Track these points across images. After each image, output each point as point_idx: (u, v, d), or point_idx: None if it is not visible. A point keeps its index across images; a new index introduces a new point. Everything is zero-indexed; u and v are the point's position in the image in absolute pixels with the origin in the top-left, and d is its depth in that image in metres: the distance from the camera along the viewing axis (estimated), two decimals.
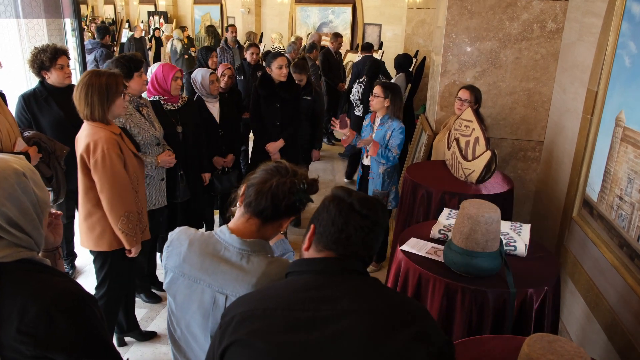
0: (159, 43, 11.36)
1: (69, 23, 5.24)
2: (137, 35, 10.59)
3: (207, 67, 5.31)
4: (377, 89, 3.72)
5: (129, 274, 2.96)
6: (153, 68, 4.06)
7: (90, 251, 2.81)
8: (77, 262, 4.02)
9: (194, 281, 1.50)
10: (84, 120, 2.60)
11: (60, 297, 1.18)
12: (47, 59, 3.31)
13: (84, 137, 2.59)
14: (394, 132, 3.68)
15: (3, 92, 3.38)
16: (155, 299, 3.63)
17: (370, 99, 3.76)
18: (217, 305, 1.47)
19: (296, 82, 4.49)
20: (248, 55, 5.98)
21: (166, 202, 3.36)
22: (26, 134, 3.10)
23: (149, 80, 3.49)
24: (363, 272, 1.25)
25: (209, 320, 1.48)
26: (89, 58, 6.82)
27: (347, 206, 1.23)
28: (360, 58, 7.22)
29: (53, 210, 1.51)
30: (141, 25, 13.10)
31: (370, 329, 1.07)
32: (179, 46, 9.87)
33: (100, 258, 2.80)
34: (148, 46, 11.29)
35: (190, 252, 1.52)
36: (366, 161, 3.91)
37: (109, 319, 2.91)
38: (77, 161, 2.60)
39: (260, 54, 8.47)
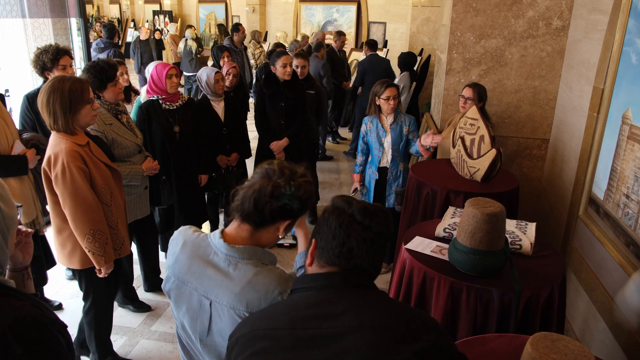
0: (161, 46, 11.16)
1: (74, 23, 5.27)
2: (142, 37, 10.19)
3: (219, 66, 5.32)
4: (392, 91, 3.63)
5: (114, 279, 2.85)
6: (149, 68, 4.08)
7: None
8: None
9: (183, 283, 1.49)
10: (50, 130, 2.43)
11: (19, 324, 1.07)
12: (48, 59, 3.27)
13: (47, 148, 2.43)
14: (410, 126, 3.71)
15: (6, 94, 3.39)
16: (144, 308, 3.52)
17: (387, 102, 3.63)
18: (203, 309, 1.44)
19: (298, 70, 4.50)
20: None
21: (149, 211, 3.29)
22: (25, 135, 3.07)
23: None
24: (368, 285, 1.20)
25: (197, 323, 1.46)
26: (101, 57, 6.83)
27: (347, 218, 1.17)
28: (365, 56, 7.20)
29: (23, 228, 1.41)
30: (146, 25, 12.84)
31: (372, 345, 1.04)
32: (194, 46, 9.89)
33: (77, 273, 2.70)
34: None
35: (182, 254, 1.50)
36: (383, 163, 3.80)
37: (101, 327, 2.85)
38: (42, 175, 2.44)
39: (266, 52, 8.48)
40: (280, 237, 1.49)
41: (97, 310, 2.78)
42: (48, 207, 2.54)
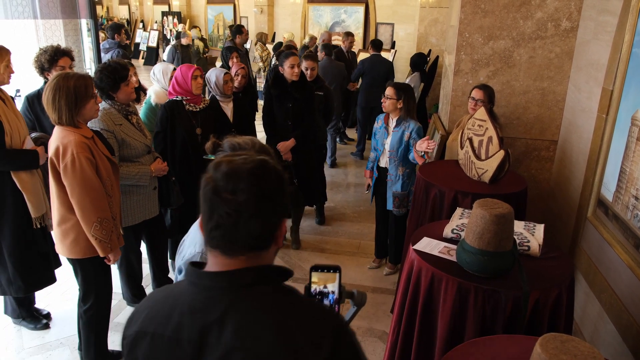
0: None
1: (84, 23, 5.31)
2: (184, 43, 9.46)
3: (228, 67, 5.34)
4: (389, 91, 3.66)
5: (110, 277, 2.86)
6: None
7: (68, 260, 2.71)
8: None
9: None
10: (54, 124, 2.51)
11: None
12: (46, 60, 3.26)
13: (53, 140, 2.50)
14: (412, 133, 3.64)
15: (16, 94, 3.39)
16: None
17: (382, 100, 3.73)
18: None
19: (307, 72, 4.51)
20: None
21: (158, 212, 3.31)
22: (33, 134, 3.12)
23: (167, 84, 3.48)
24: (257, 280, 1.05)
25: None
26: (106, 57, 6.88)
27: (211, 187, 1.00)
28: (368, 56, 7.19)
29: None
30: (191, 31, 12.02)
31: None
32: (200, 46, 9.89)
33: (77, 267, 2.70)
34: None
35: None
36: (383, 163, 3.86)
37: (101, 329, 2.84)
38: (48, 165, 2.52)
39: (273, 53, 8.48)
40: None
41: (98, 309, 2.77)
42: (51, 198, 2.58)
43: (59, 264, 3.27)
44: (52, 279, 3.23)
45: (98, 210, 2.52)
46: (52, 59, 3.27)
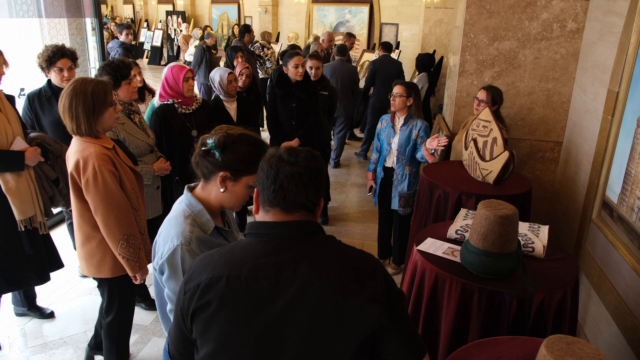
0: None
1: (89, 22, 5.32)
2: (209, 43, 8.97)
3: (233, 66, 5.33)
4: (398, 89, 3.66)
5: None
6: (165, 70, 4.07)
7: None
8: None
9: None
10: (72, 135, 2.35)
11: None
12: (44, 60, 3.19)
13: (72, 153, 2.33)
14: (420, 131, 3.66)
15: (21, 93, 3.36)
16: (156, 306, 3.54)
17: (391, 99, 3.72)
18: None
19: (312, 72, 4.52)
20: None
21: (161, 211, 3.27)
22: (31, 134, 3.02)
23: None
24: (317, 230, 1.30)
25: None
26: (109, 58, 6.89)
27: (276, 159, 1.28)
28: (378, 57, 7.20)
29: None
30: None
31: (329, 293, 1.18)
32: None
33: (104, 283, 2.60)
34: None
35: None
36: (389, 163, 3.86)
37: (123, 340, 2.79)
38: (69, 181, 2.36)
39: (277, 53, 8.47)
40: (222, 190, 1.67)
41: (121, 321, 2.71)
42: (73, 216, 2.46)
43: (57, 267, 3.21)
44: (44, 279, 3.12)
45: (124, 226, 2.37)
46: (49, 59, 3.19)
